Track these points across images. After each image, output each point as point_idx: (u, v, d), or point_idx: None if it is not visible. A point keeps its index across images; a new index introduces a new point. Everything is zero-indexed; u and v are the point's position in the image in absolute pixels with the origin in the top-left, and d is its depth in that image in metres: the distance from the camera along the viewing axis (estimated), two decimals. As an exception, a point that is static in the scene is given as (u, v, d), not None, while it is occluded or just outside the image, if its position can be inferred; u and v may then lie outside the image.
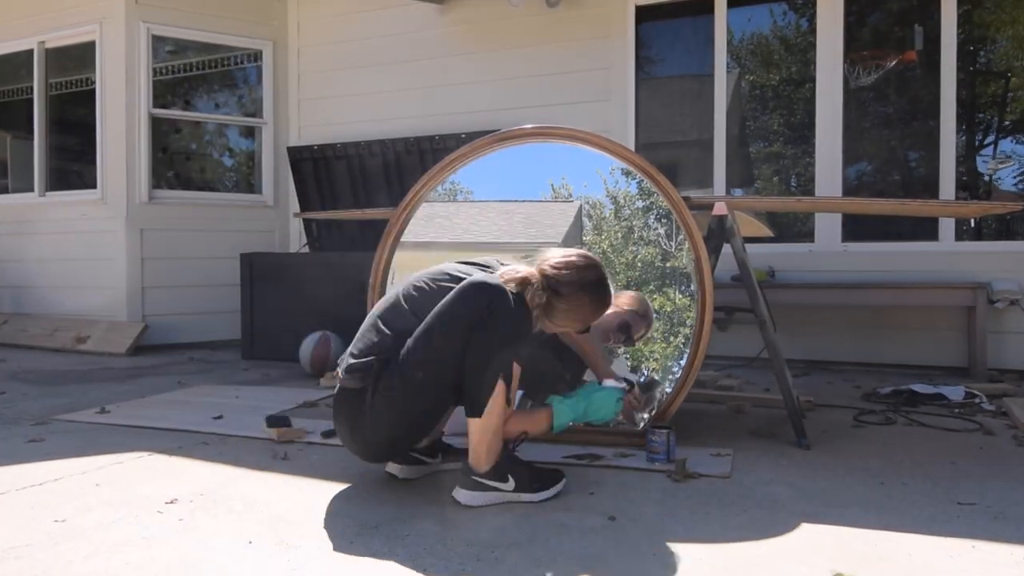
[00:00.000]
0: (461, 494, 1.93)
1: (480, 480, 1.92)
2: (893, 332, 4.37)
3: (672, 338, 2.63)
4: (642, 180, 2.67)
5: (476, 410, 1.89)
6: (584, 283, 1.98)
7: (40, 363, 4.71)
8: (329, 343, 4.19)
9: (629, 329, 2.54)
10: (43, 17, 5.69)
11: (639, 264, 2.71)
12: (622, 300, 2.58)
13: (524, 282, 1.92)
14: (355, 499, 2.00)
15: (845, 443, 2.61)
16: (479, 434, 1.91)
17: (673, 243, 2.67)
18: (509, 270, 1.97)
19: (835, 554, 1.61)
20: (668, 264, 2.67)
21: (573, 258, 2.00)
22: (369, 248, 3.02)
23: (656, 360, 2.65)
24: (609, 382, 2.21)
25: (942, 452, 2.49)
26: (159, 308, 5.39)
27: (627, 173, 2.72)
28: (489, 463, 1.92)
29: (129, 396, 3.52)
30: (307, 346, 4.21)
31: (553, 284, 1.95)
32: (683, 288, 2.63)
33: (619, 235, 2.76)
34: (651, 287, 2.68)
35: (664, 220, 2.69)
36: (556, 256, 2.01)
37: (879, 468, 2.29)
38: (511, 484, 1.93)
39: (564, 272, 1.97)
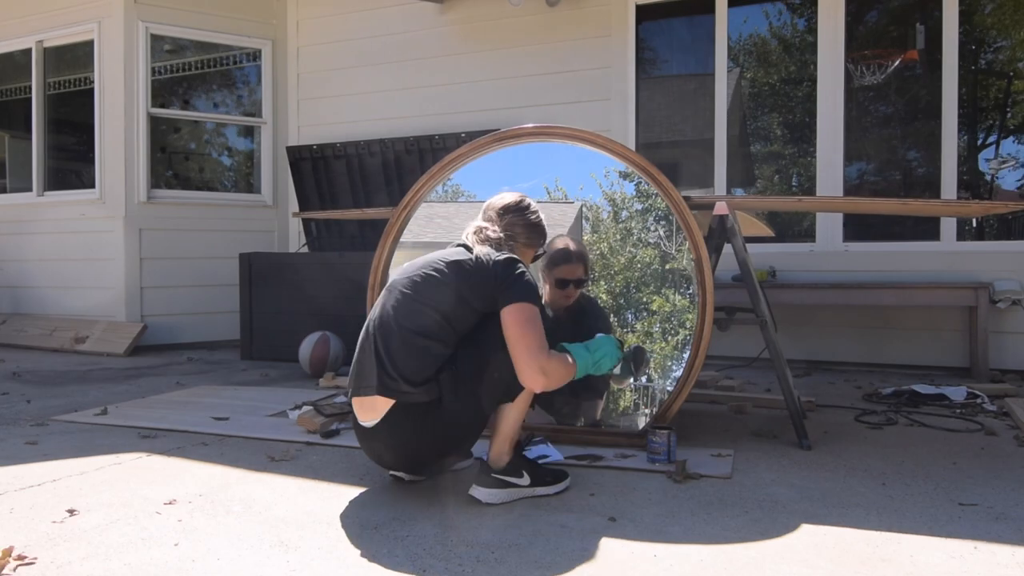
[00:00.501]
0: (481, 492, 1.94)
1: (499, 477, 1.96)
2: (895, 332, 4.36)
3: (672, 339, 2.62)
4: (642, 180, 2.66)
5: (513, 396, 1.97)
6: (521, 205, 2.18)
7: (38, 363, 4.70)
8: (328, 343, 4.18)
9: (568, 284, 2.60)
10: (41, 16, 5.68)
11: (638, 265, 2.70)
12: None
13: (479, 230, 2.09)
14: (355, 500, 1.99)
15: (847, 444, 2.60)
16: (513, 421, 1.97)
17: (673, 245, 2.66)
18: (474, 238, 2.09)
19: (837, 555, 1.60)
20: (668, 266, 2.66)
21: (504, 194, 2.23)
22: (369, 248, 3.01)
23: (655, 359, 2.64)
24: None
25: (944, 453, 2.48)
26: (158, 308, 5.38)
27: (626, 174, 2.71)
28: (509, 456, 1.98)
29: (128, 396, 3.51)
30: (306, 346, 4.19)
31: (502, 212, 2.14)
32: (682, 290, 2.62)
33: (618, 236, 2.75)
34: (650, 288, 2.67)
35: (664, 221, 2.67)
36: (495, 199, 2.21)
37: (880, 469, 2.28)
38: (527, 479, 1.99)
39: (503, 204, 2.17)
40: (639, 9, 4.88)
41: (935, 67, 4.35)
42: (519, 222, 2.14)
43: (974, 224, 4.49)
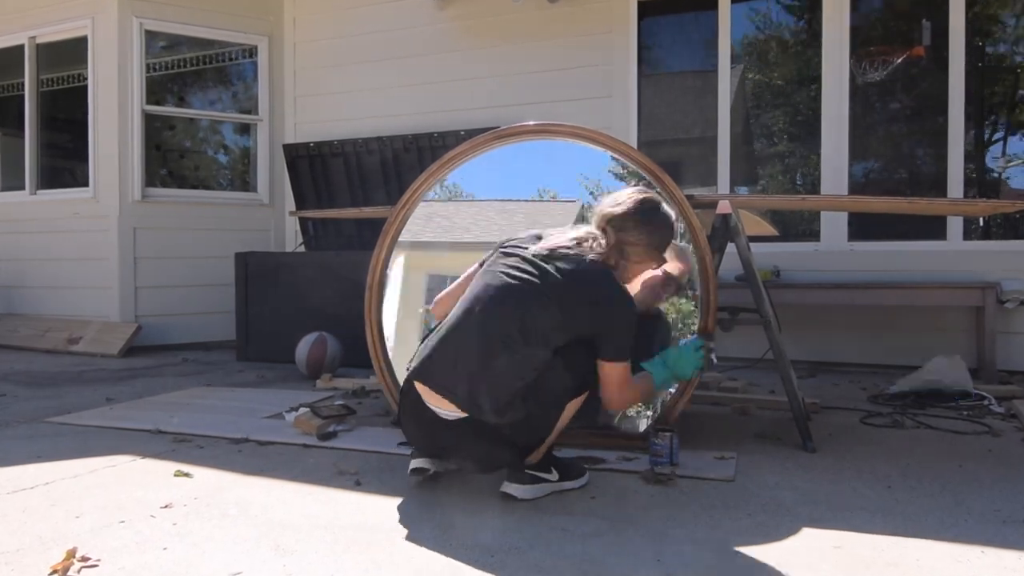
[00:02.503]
0: (515, 488, 1.95)
1: (533, 473, 1.97)
2: (900, 333, 4.32)
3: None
4: (644, 179, 2.62)
5: (572, 399, 1.98)
6: (646, 211, 2.02)
7: (31, 364, 4.66)
8: (326, 344, 4.14)
9: (675, 280, 2.55)
10: (34, 12, 5.63)
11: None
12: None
13: (580, 241, 1.98)
14: (352, 503, 1.96)
15: (851, 446, 2.57)
16: (562, 424, 1.99)
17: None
18: (558, 238, 2.00)
19: (841, 560, 1.58)
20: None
21: (627, 193, 2.06)
22: (367, 247, 2.98)
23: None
24: (683, 341, 2.35)
25: (950, 455, 2.45)
26: (152, 308, 5.34)
27: (629, 171, 2.67)
28: (543, 454, 2.00)
29: (122, 398, 3.47)
30: (303, 347, 4.15)
31: (617, 222, 2.00)
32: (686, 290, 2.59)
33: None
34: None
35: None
36: (611, 198, 2.06)
37: (886, 471, 2.25)
38: (555, 475, 2.01)
39: (623, 206, 2.01)
40: (641, 5, 4.84)
41: (941, 63, 4.32)
42: (632, 239, 2.00)
43: (981, 223, 4.45)
